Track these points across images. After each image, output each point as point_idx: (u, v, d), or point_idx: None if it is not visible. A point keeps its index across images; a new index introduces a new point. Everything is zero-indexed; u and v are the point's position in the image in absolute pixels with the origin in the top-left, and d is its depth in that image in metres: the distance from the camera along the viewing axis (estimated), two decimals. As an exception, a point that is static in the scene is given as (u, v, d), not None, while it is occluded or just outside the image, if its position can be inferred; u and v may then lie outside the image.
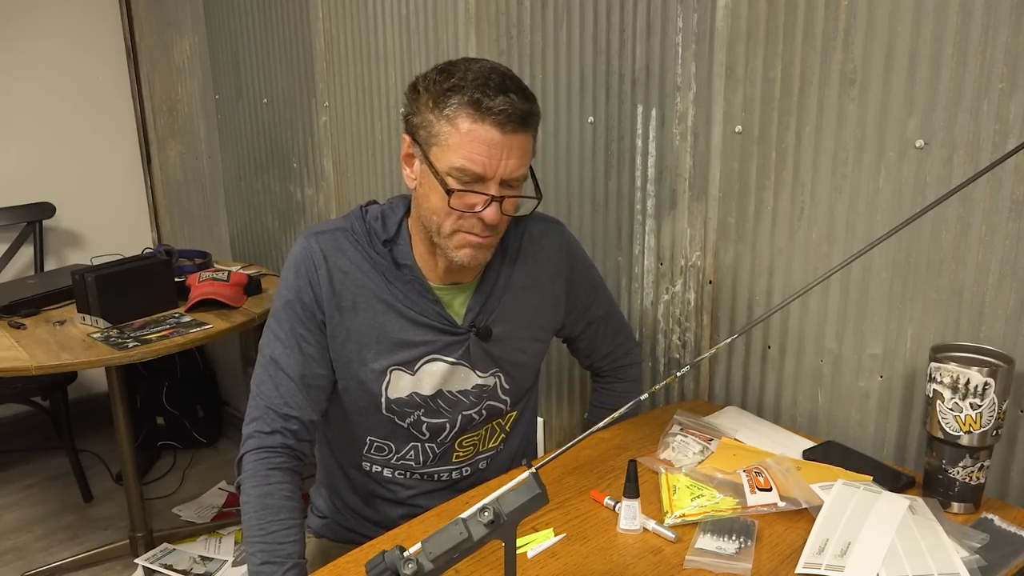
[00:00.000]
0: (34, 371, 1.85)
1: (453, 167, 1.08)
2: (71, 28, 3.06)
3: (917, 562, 0.94)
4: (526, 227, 1.29)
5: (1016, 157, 1.06)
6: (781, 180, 1.33)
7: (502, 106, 1.05)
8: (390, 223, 1.22)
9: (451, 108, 1.07)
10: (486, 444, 1.33)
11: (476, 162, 1.07)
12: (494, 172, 1.08)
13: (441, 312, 1.21)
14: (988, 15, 1.07)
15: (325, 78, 2.27)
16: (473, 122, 1.06)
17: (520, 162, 1.10)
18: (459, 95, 1.07)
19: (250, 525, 1.11)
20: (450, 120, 1.07)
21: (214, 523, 2.58)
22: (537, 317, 1.30)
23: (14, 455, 3.03)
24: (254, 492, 1.12)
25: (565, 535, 1.07)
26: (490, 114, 1.05)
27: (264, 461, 1.14)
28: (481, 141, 1.06)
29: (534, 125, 1.12)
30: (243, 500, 1.14)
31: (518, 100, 1.07)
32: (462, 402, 1.26)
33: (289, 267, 1.21)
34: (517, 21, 1.69)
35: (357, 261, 1.19)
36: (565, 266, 1.32)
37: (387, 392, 1.22)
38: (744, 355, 1.45)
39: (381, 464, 1.29)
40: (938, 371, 1.06)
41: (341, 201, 2.34)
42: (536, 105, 1.12)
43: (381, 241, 1.21)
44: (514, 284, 1.26)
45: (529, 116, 1.09)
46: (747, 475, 1.13)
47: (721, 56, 1.36)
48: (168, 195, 3.31)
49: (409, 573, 0.74)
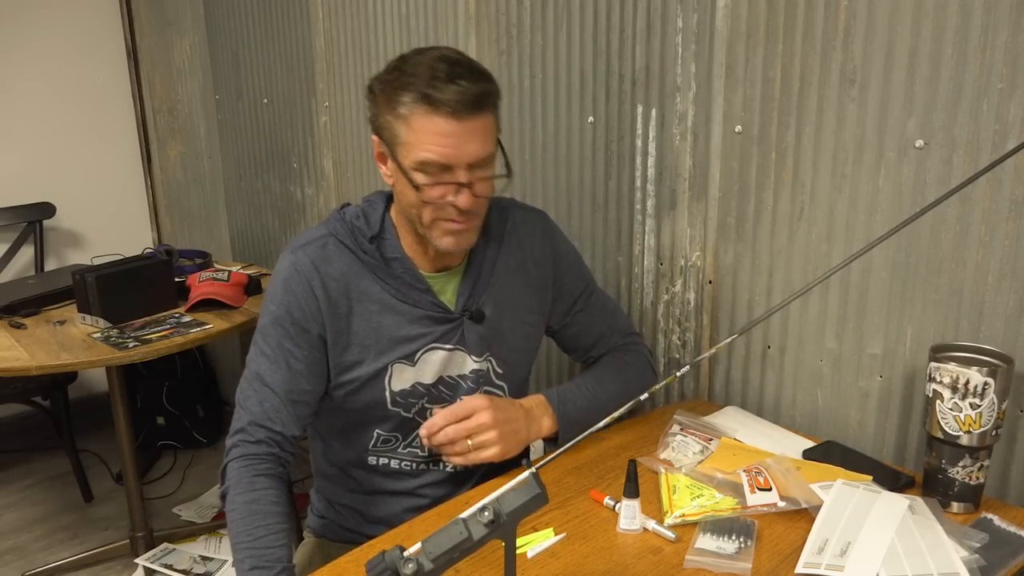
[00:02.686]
0: (34, 371, 1.85)
1: (417, 162, 1.10)
2: (71, 28, 3.06)
3: (917, 562, 0.94)
4: (510, 214, 1.31)
5: (1016, 157, 1.07)
6: (781, 180, 1.33)
7: (453, 95, 1.07)
8: (373, 219, 1.23)
9: (405, 107, 1.09)
10: None
11: (437, 153, 1.09)
12: (457, 160, 1.10)
13: (435, 301, 1.23)
14: (988, 15, 1.07)
15: (325, 78, 2.27)
16: (426, 117, 1.08)
17: (482, 144, 1.11)
18: (409, 92, 1.09)
19: (237, 532, 1.10)
20: (406, 120, 1.10)
21: (214, 523, 2.58)
22: (524, 299, 1.31)
23: (14, 455, 3.03)
24: (240, 499, 1.12)
25: (565, 535, 1.07)
26: (442, 106, 1.07)
27: (249, 468, 1.15)
28: (438, 133, 1.08)
29: (492, 103, 1.13)
30: (229, 508, 1.13)
31: (468, 85, 1.08)
32: (461, 386, 1.27)
33: (277, 283, 1.20)
34: (517, 21, 1.69)
35: (347, 264, 1.20)
36: (549, 251, 1.33)
37: (391, 385, 1.23)
38: (744, 355, 1.45)
39: (388, 455, 1.30)
40: (938, 371, 1.06)
41: (341, 201, 2.33)
42: (491, 83, 1.13)
43: (367, 239, 1.21)
44: (499, 267, 1.27)
45: (484, 97, 1.10)
46: (747, 475, 1.13)
47: (721, 56, 1.36)
48: (168, 195, 3.31)
49: (409, 573, 0.74)
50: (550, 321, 1.38)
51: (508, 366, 1.31)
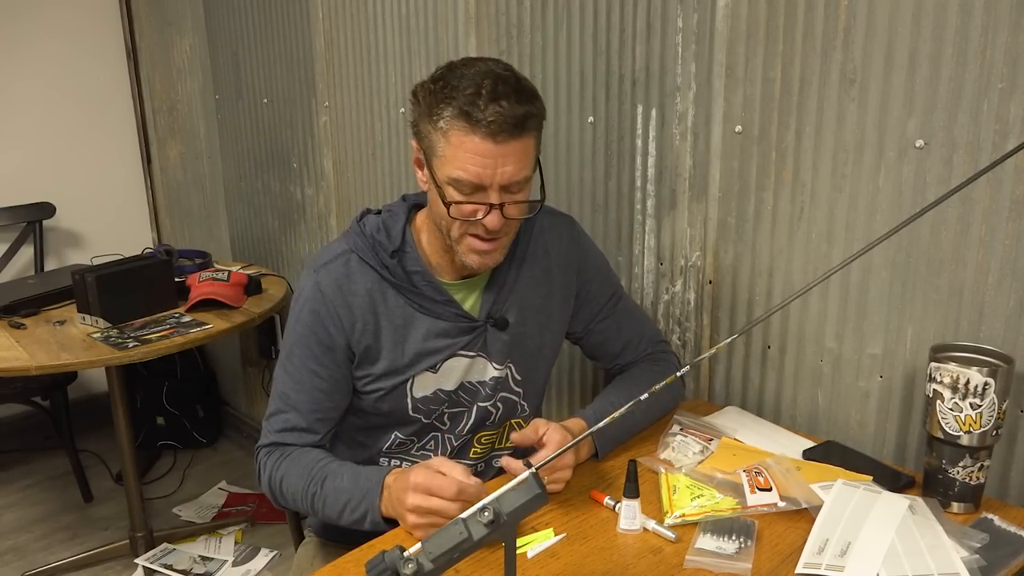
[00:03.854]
0: (34, 371, 1.85)
1: (450, 178, 1.08)
2: (71, 28, 3.06)
3: (917, 562, 0.94)
4: (536, 219, 1.28)
5: (1016, 157, 1.06)
6: (781, 180, 1.33)
7: (492, 116, 1.04)
8: (394, 233, 1.22)
9: (444, 120, 1.07)
10: (502, 442, 1.35)
11: (470, 172, 1.07)
12: (491, 181, 1.07)
13: (458, 312, 1.23)
14: (988, 15, 1.07)
15: (325, 78, 2.27)
16: (464, 134, 1.06)
17: (519, 167, 1.09)
18: (450, 107, 1.06)
19: (299, 487, 1.16)
20: (444, 133, 1.07)
21: (214, 523, 2.58)
22: (547, 307, 1.30)
23: (14, 455, 3.03)
24: (297, 463, 1.18)
25: (565, 535, 1.07)
26: (480, 125, 1.04)
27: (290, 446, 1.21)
28: (473, 152, 1.06)
29: (534, 127, 1.10)
30: (285, 478, 1.18)
31: (511, 106, 1.05)
32: (480, 392, 1.27)
33: (302, 306, 1.21)
34: (517, 21, 1.69)
35: (370, 280, 1.20)
36: (576, 257, 1.32)
37: (412, 392, 1.24)
38: (744, 355, 1.45)
39: (400, 457, 1.31)
40: (938, 371, 1.06)
41: (341, 201, 2.35)
42: (536, 103, 1.10)
43: (389, 253, 1.21)
44: (524, 273, 1.27)
45: (526, 119, 1.07)
46: (747, 475, 1.13)
47: (721, 56, 1.36)
48: (168, 195, 3.31)
49: (409, 573, 0.74)
50: (573, 327, 1.37)
51: (526, 373, 1.31)
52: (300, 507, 1.19)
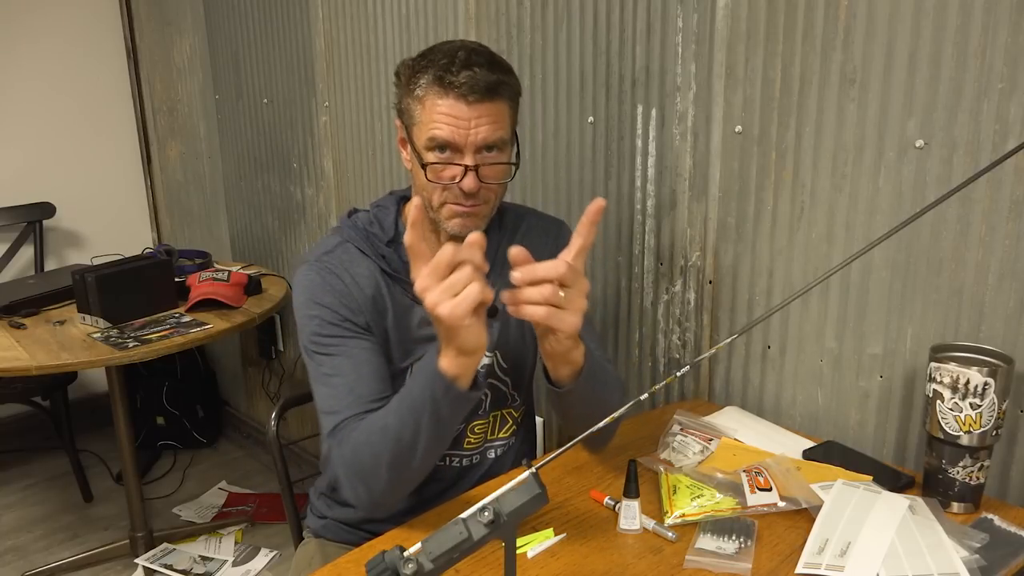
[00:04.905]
0: (34, 371, 1.85)
1: (426, 139, 1.12)
2: (71, 28, 3.06)
3: (917, 562, 0.94)
4: (525, 219, 1.32)
5: (1016, 157, 1.06)
6: (781, 180, 1.33)
7: (464, 79, 1.09)
8: (387, 224, 1.24)
9: (420, 88, 1.12)
10: (495, 432, 1.34)
11: (445, 131, 1.10)
12: (464, 140, 1.11)
13: None
14: (988, 15, 1.07)
15: (325, 78, 2.27)
16: (438, 97, 1.10)
17: (493, 128, 1.12)
18: (426, 74, 1.11)
19: (398, 421, 1.05)
20: (420, 99, 1.12)
21: (214, 523, 2.58)
22: None
23: (14, 455, 3.03)
24: (366, 421, 1.10)
25: (565, 535, 1.07)
26: (452, 88, 1.09)
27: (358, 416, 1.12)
28: (447, 112, 1.10)
29: (507, 94, 1.14)
30: (361, 441, 1.08)
31: (483, 72, 1.09)
32: None
33: (308, 297, 1.18)
34: (517, 21, 1.69)
35: (368, 269, 1.21)
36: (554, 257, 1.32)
37: None
38: (744, 355, 1.45)
39: None
40: (938, 371, 1.06)
41: (341, 201, 2.34)
42: (510, 77, 1.14)
43: (384, 243, 1.22)
44: (507, 269, 1.27)
45: (498, 85, 1.11)
46: (747, 475, 1.13)
47: (721, 56, 1.36)
48: (168, 195, 3.31)
49: (409, 573, 0.74)
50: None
51: (512, 361, 1.31)
52: (390, 459, 1.08)
